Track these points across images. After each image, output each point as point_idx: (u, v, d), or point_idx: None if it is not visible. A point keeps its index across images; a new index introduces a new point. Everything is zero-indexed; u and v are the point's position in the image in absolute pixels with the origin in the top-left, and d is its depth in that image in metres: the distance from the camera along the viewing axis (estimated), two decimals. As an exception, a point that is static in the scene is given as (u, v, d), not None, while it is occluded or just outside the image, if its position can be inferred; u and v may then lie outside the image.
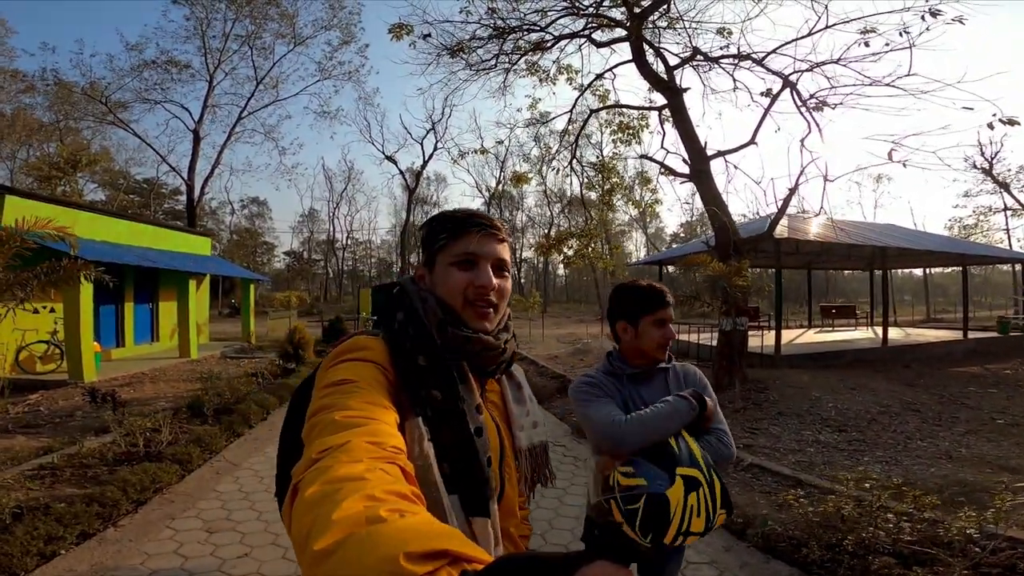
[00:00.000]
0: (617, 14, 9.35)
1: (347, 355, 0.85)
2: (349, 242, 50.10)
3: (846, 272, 38.40)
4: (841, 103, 7.72)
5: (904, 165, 6.81)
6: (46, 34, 54.92)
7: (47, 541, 2.96)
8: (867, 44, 7.23)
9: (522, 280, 53.55)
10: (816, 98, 7.92)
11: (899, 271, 30.49)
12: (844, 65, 7.53)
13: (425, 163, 38.16)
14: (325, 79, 30.78)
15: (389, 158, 38.00)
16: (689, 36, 9.14)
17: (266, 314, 21.25)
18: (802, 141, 7.85)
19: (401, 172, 40.11)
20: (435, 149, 40.32)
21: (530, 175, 15.69)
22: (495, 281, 0.96)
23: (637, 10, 8.71)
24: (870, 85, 7.31)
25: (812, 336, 14.98)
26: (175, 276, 12.63)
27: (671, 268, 16.56)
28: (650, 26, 9.27)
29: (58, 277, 6.45)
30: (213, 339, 16.12)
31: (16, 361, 8.90)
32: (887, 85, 7.10)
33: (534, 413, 1.10)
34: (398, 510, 0.47)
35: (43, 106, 26.99)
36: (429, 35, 9.36)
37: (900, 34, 6.85)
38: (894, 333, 14.77)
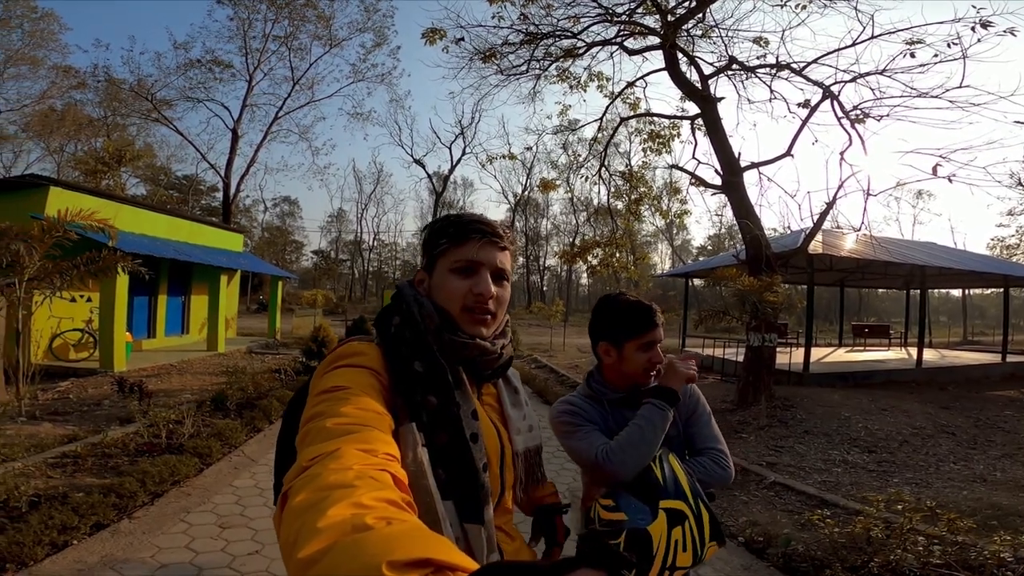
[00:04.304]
0: (651, 22, 9.24)
1: (341, 361, 0.84)
2: (375, 243, 50.76)
3: (880, 291, 37.27)
4: (887, 115, 7.45)
5: (950, 180, 6.53)
6: (101, 31, 57.32)
7: (61, 531, 2.97)
8: (913, 55, 6.98)
9: (544, 288, 53.39)
10: (859, 110, 7.67)
11: (936, 291, 29.45)
12: (889, 76, 7.27)
13: (453, 168, 38.53)
14: (359, 81, 31.44)
15: (418, 162, 38.49)
16: (725, 45, 8.97)
17: (292, 311, 21.59)
18: (842, 154, 7.62)
19: (429, 176, 40.60)
20: (463, 154, 40.65)
21: (557, 182, 15.65)
22: (494, 289, 0.95)
23: (671, 18, 8.59)
24: (917, 97, 7.05)
25: (842, 355, 14.54)
26: (207, 271, 12.92)
27: (698, 281, 16.24)
28: (684, 34, 9.13)
29: (97, 267, 6.67)
30: (241, 334, 16.43)
31: (50, 348, 9.17)
32: (935, 97, 6.84)
33: (530, 417, 1.10)
34: (386, 518, 0.47)
35: (93, 102, 28.12)
36: (462, 39, 9.38)
37: (949, 45, 6.59)
38: (929, 355, 14.24)
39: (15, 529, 2.88)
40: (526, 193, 44.19)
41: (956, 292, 36.53)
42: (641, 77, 10.19)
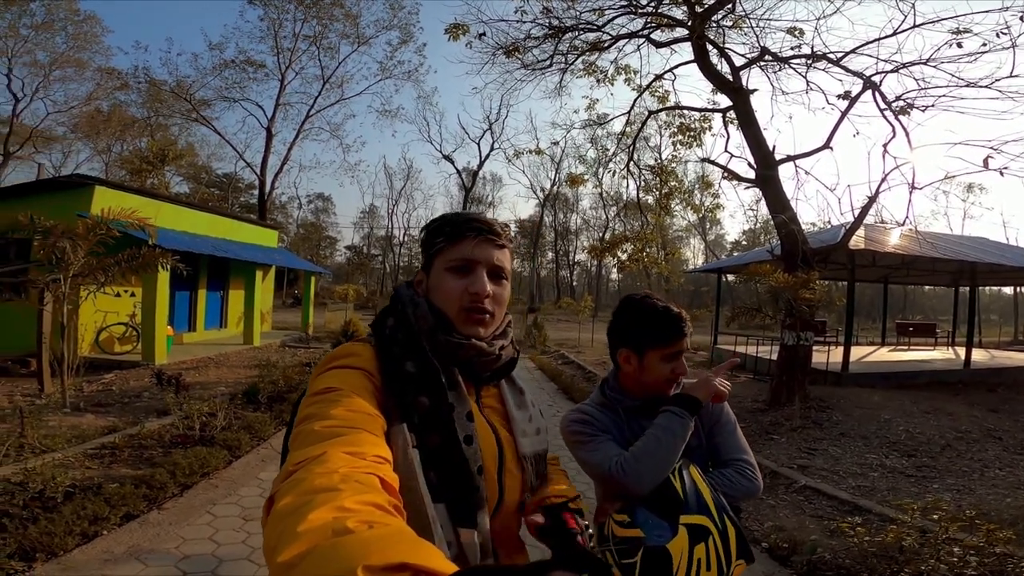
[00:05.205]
0: (678, 13, 9.02)
1: (334, 363, 0.85)
2: (406, 239, 51.34)
3: (926, 288, 35.76)
4: (933, 105, 7.10)
5: (1002, 173, 6.17)
6: (138, 33, 59.46)
7: (92, 521, 3.07)
8: (960, 45, 6.64)
9: (574, 283, 53.09)
10: (903, 100, 7.32)
11: (986, 288, 28.04)
12: (934, 66, 6.93)
13: (481, 163, 38.56)
14: (386, 78, 31.78)
15: (447, 157, 38.64)
16: (756, 36, 8.68)
17: (325, 305, 22.06)
18: (885, 146, 7.29)
19: (458, 171, 40.81)
20: (491, 149, 40.69)
21: (586, 177, 15.53)
22: (490, 288, 0.93)
23: (699, 9, 8.36)
24: (965, 87, 6.69)
25: (884, 354, 14.01)
26: (244, 266, 13.30)
27: (731, 277, 15.87)
28: (713, 25, 8.88)
29: (138, 264, 6.93)
30: (276, 328, 16.87)
31: (96, 341, 9.58)
32: (984, 87, 6.49)
33: (537, 419, 1.05)
34: (368, 521, 0.47)
35: (136, 103, 29.25)
36: (484, 34, 9.35)
37: (997, 35, 6.26)
38: (978, 355, 13.59)
39: (48, 519, 2.98)
40: (555, 188, 43.98)
41: (1008, 289, 34.72)
42: (670, 70, 9.97)
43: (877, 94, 7.42)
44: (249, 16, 51.48)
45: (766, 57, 8.54)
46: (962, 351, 12.70)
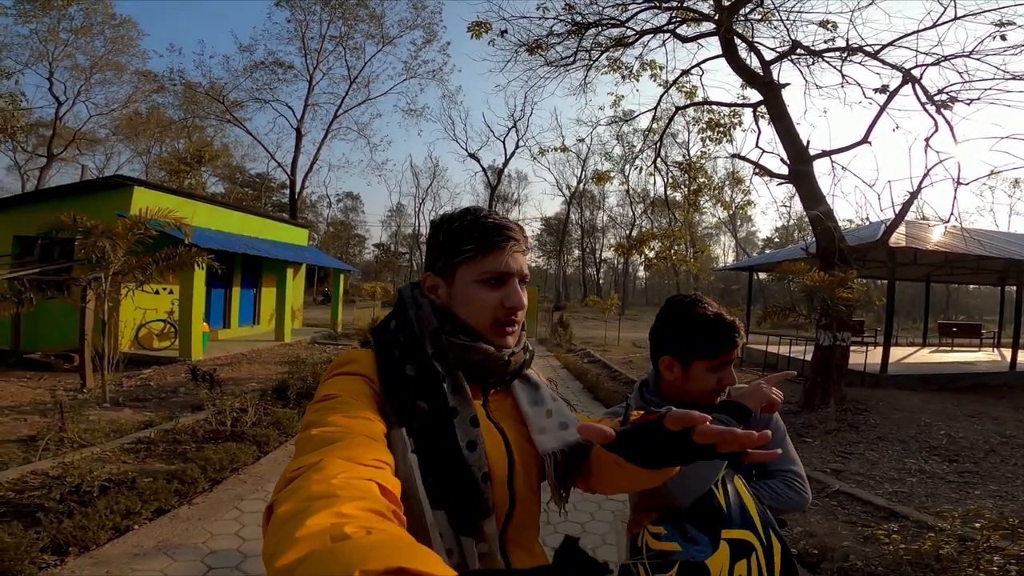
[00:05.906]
0: (704, 7, 8.84)
1: (337, 370, 0.86)
2: (432, 237, 51.73)
3: (970, 287, 34.32)
4: (979, 99, 6.81)
5: (1051, 168, 5.90)
6: (171, 35, 61.14)
7: (124, 516, 3.16)
8: (1004, 37, 6.39)
9: (601, 281, 52.70)
10: (945, 93, 7.03)
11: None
12: (977, 59, 6.66)
13: (507, 161, 38.50)
14: (411, 78, 31.98)
15: (472, 156, 38.71)
16: (787, 29, 8.42)
17: (354, 303, 22.40)
18: (927, 140, 7.02)
19: (483, 169, 40.83)
20: (517, 147, 40.57)
21: (612, 174, 15.40)
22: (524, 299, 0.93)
23: (726, 3, 8.16)
24: (1011, 79, 6.43)
25: (926, 356, 13.52)
26: (275, 264, 13.58)
27: (763, 275, 15.52)
28: (741, 19, 8.65)
29: (175, 263, 7.14)
30: (307, 324, 17.19)
31: (136, 337, 9.91)
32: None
33: (560, 413, 0.96)
34: (366, 527, 0.48)
35: (173, 105, 30.18)
36: (506, 31, 9.31)
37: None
38: (1026, 357, 12.98)
39: (82, 514, 3.08)
40: (581, 185, 43.69)
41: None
42: (697, 65, 9.76)
43: (917, 87, 7.15)
44: (277, 18, 52.58)
45: (798, 51, 8.30)
46: (1008, 353, 12.19)
